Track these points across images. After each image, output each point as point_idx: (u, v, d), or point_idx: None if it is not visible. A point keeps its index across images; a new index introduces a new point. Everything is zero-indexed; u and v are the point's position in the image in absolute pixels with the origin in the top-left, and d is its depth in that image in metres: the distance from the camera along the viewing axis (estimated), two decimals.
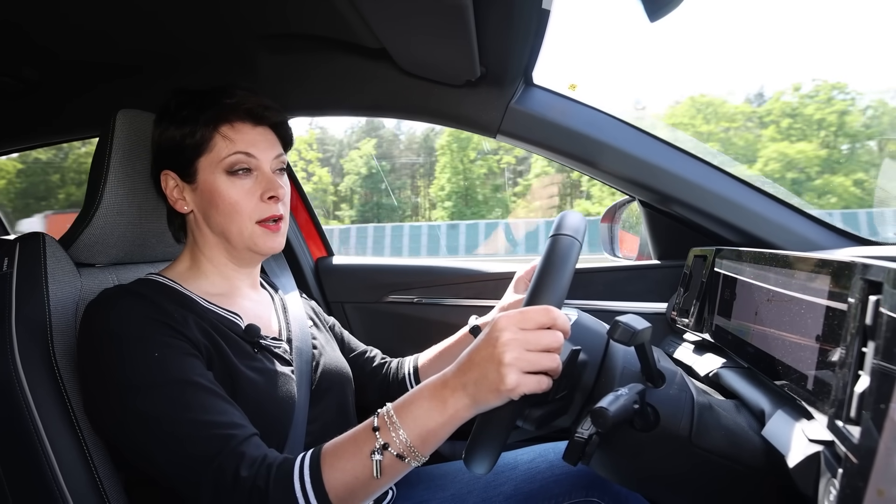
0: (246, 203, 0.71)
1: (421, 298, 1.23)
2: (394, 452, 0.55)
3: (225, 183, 0.71)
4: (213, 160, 0.71)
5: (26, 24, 0.91)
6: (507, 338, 0.52)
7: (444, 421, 0.55)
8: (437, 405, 0.55)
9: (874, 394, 0.39)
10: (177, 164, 0.73)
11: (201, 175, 0.72)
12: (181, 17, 0.89)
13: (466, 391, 0.54)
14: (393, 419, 0.55)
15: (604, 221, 1.28)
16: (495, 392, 0.52)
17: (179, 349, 0.62)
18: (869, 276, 0.44)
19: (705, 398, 0.62)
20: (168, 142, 0.73)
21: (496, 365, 0.52)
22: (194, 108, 0.72)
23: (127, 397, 0.60)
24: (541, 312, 0.54)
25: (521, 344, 0.52)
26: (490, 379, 0.52)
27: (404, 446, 0.55)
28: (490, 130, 1.02)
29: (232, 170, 0.71)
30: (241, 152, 0.71)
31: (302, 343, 0.80)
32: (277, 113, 0.76)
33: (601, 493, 0.75)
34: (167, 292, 0.70)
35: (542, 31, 0.82)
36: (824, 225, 0.94)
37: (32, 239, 0.72)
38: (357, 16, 0.80)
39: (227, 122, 0.72)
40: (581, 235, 0.62)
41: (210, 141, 0.71)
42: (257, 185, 0.72)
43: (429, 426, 0.55)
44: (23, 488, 0.65)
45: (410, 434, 0.55)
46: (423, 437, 0.55)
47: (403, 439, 0.54)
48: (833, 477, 0.44)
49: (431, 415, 0.55)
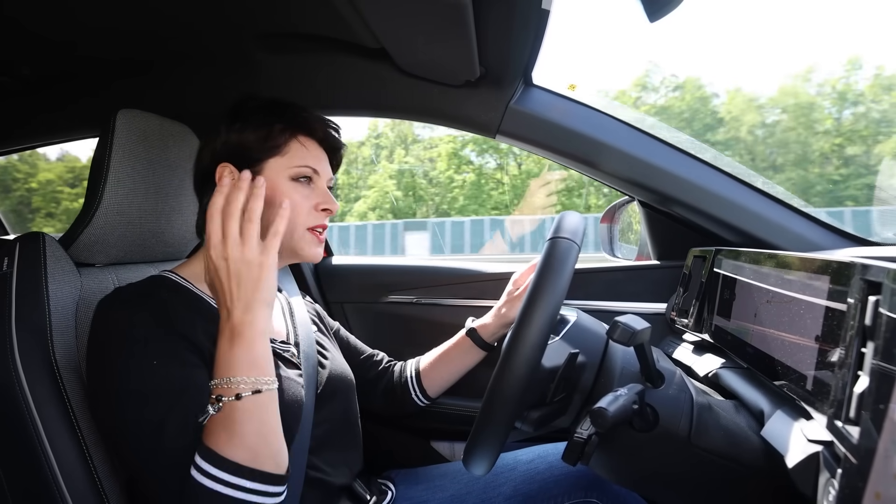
0: (302, 207, 0.75)
1: (420, 298, 1.23)
2: (248, 393, 0.58)
3: (288, 186, 0.74)
4: (283, 164, 0.74)
5: (27, 24, 0.91)
6: (220, 257, 0.61)
7: (257, 342, 0.60)
8: (239, 342, 0.60)
9: (873, 394, 0.39)
10: (240, 160, 0.73)
11: (266, 174, 0.74)
12: (186, 16, 0.89)
13: (251, 308, 0.60)
14: (223, 381, 0.58)
15: (603, 222, 1.28)
16: (264, 274, 0.61)
17: (182, 359, 0.62)
18: (868, 277, 0.44)
19: (704, 398, 0.62)
20: (239, 141, 0.74)
21: (244, 270, 0.61)
22: (271, 114, 0.75)
23: (117, 400, 0.60)
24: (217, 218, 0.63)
25: (224, 247, 0.62)
26: (252, 280, 0.61)
27: (250, 384, 0.58)
28: (489, 131, 1.02)
29: (297, 177, 0.75)
30: (310, 166, 0.76)
31: (308, 347, 0.80)
32: (340, 140, 0.82)
33: (600, 494, 0.75)
34: (180, 292, 0.70)
35: (542, 31, 0.82)
36: (824, 225, 0.95)
37: (32, 239, 0.72)
38: (356, 16, 0.80)
39: (308, 134, 0.77)
40: (579, 238, 0.62)
41: (286, 145, 0.75)
42: (314, 195, 0.76)
43: (252, 357, 0.60)
44: (22, 488, 0.65)
45: (247, 373, 0.59)
46: (259, 366, 0.60)
47: (245, 380, 0.58)
48: (832, 477, 0.44)
49: (247, 351, 0.59)
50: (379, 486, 0.85)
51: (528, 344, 0.56)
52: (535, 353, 0.56)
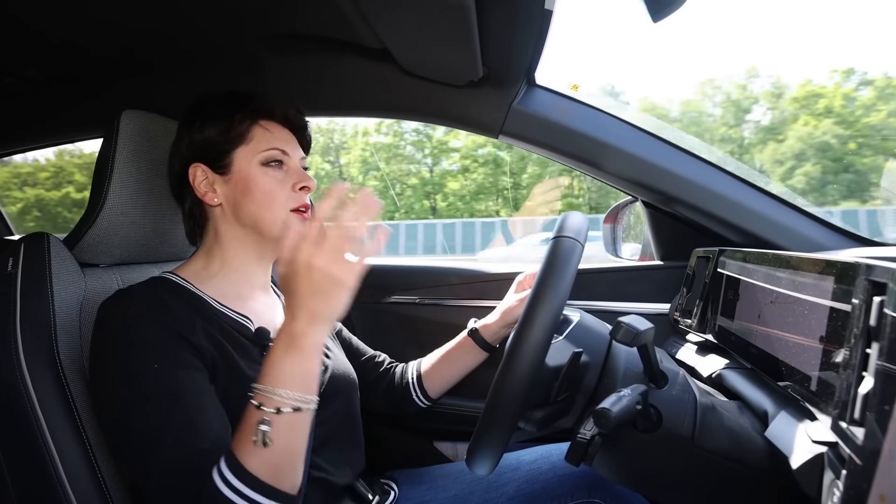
0: (280, 191, 0.74)
1: (423, 299, 1.23)
2: (290, 409, 0.56)
3: (260, 173, 0.74)
4: (250, 151, 0.74)
5: (33, 24, 0.92)
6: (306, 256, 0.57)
7: (311, 357, 0.58)
8: (295, 352, 0.57)
9: (878, 395, 0.39)
10: (209, 158, 0.75)
11: (236, 165, 0.74)
12: (190, 18, 0.90)
13: (316, 320, 0.58)
14: (267, 390, 0.57)
15: (606, 222, 1.28)
16: (339, 289, 0.58)
17: (181, 361, 0.62)
18: (873, 277, 0.44)
19: (708, 399, 0.62)
20: (203, 138, 0.75)
21: (320, 278, 0.57)
22: (230, 105, 0.75)
23: (120, 403, 0.60)
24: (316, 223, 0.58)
25: (316, 250, 0.57)
26: (328, 289, 0.57)
27: (293, 399, 0.57)
28: (493, 131, 1.02)
29: (267, 162, 0.75)
30: (278, 148, 0.75)
31: None
32: (303, 118, 0.82)
33: (603, 494, 0.75)
34: (180, 293, 0.70)
35: (545, 31, 0.82)
36: (828, 225, 0.94)
37: (37, 239, 0.72)
38: (360, 17, 0.80)
39: (269, 118, 0.77)
40: (583, 237, 0.62)
41: (249, 133, 0.75)
42: (288, 177, 0.76)
43: (305, 370, 0.58)
44: (26, 486, 0.66)
45: (292, 388, 0.57)
46: (305, 384, 0.58)
47: (289, 395, 0.57)
48: (837, 478, 0.44)
49: (300, 362, 0.58)
50: (382, 486, 0.85)
51: (532, 342, 0.56)
52: (539, 351, 0.56)
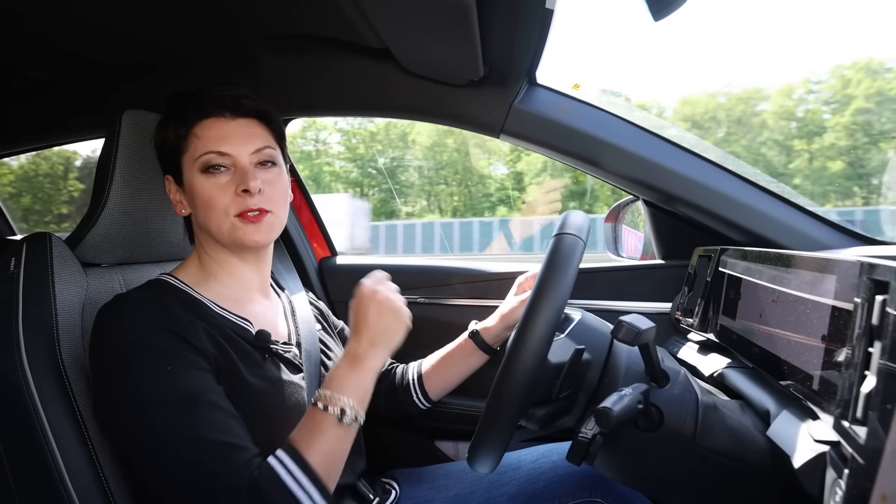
0: (220, 198, 0.69)
1: (425, 298, 1.23)
2: (350, 413, 0.64)
3: (200, 181, 0.70)
4: (189, 160, 0.71)
5: (36, 26, 0.92)
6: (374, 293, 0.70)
7: (370, 377, 0.67)
8: (359, 369, 0.66)
9: (881, 394, 0.39)
10: (169, 167, 0.74)
11: (185, 176, 0.72)
12: (191, 17, 0.90)
13: (376, 346, 0.68)
14: (333, 395, 0.64)
15: (607, 221, 1.27)
16: (400, 323, 0.71)
17: (190, 362, 0.62)
18: (875, 276, 0.44)
19: (710, 398, 0.62)
20: (160, 145, 0.74)
21: (389, 309, 0.70)
22: (178, 110, 0.72)
23: (136, 411, 0.60)
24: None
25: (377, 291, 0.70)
26: (391, 320, 0.70)
27: (351, 408, 0.64)
28: (493, 130, 1.02)
29: (205, 168, 0.70)
30: (213, 151, 0.70)
31: (310, 345, 0.80)
32: (254, 102, 0.73)
33: (605, 494, 0.75)
34: (179, 296, 0.69)
35: (546, 30, 0.82)
36: (830, 224, 0.94)
37: (39, 239, 0.72)
38: (361, 17, 0.80)
39: (203, 118, 0.71)
40: (585, 234, 0.62)
41: (186, 140, 0.71)
42: (233, 180, 0.70)
43: (363, 385, 0.67)
44: (29, 486, 0.66)
45: (352, 397, 0.65)
46: (362, 396, 0.66)
47: (350, 402, 0.64)
48: (839, 477, 0.44)
49: (361, 378, 0.66)
50: (383, 486, 0.85)
51: (534, 340, 0.56)
52: (541, 349, 0.56)
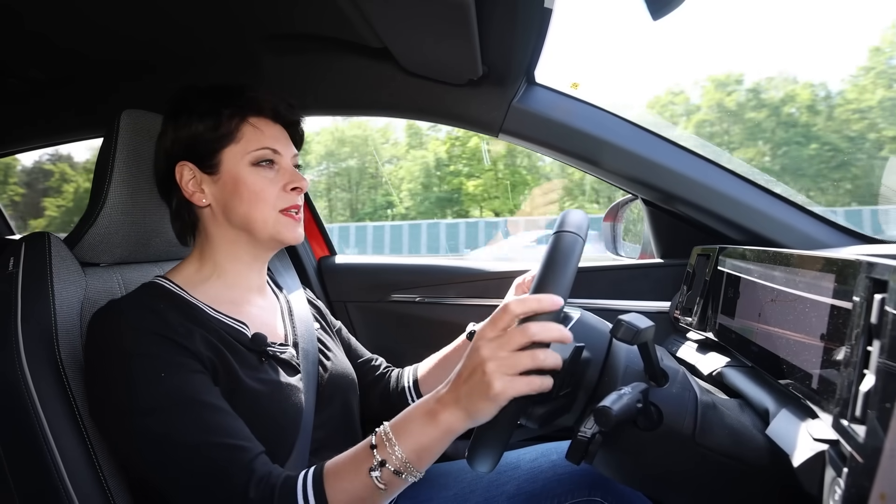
0: (270, 192, 0.73)
1: (424, 298, 1.23)
2: (391, 469, 0.56)
3: (250, 173, 0.72)
4: (239, 151, 0.72)
5: (35, 26, 0.92)
6: (486, 345, 0.54)
7: (439, 436, 0.56)
8: (430, 421, 0.56)
9: (879, 393, 0.39)
10: (197, 156, 0.73)
11: (225, 165, 0.72)
12: (191, 16, 0.90)
13: (459, 405, 0.55)
14: (389, 436, 0.57)
15: (606, 220, 1.27)
16: (485, 399, 0.53)
17: (186, 367, 0.62)
18: (874, 275, 0.44)
19: (709, 397, 0.62)
20: (189, 135, 0.72)
21: (480, 374, 0.53)
22: (216, 101, 0.73)
23: (136, 419, 0.59)
24: (510, 315, 0.55)
25: (498, 347, 0.53)
26: (479, 388, 0.53)
27: (401, 462, 0.56)
28: (492, 129, 1.02)
29: (257, 162, 0.73)
30: (269, 147, 0.73)
31: (308, 345, 0.80)
32: (296, 112, 0.79)
33: (604, 493, 0.75)
34: (174, 300, 0.69)
35: (545, 29, 0.82)
36: (829, 223, 0.94)
37: (38, 239, 0.72)
38: (359, 15, 0.80)
39: (258, 115, 0.74)
40: (584, 232, 0.62)
41: (238, 131, 0.72)
42: (280, 176, 0.74)
43: (423, 442, 0.56)
44: (28, 485, 0.66)
45: (406, 450, 0.56)
46: (419, 453, 0.56)
47: (400, 455, 0.56)
48: (838, 476, 0.44)
49: (426, 430, 0.56)
50: None
51: None
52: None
